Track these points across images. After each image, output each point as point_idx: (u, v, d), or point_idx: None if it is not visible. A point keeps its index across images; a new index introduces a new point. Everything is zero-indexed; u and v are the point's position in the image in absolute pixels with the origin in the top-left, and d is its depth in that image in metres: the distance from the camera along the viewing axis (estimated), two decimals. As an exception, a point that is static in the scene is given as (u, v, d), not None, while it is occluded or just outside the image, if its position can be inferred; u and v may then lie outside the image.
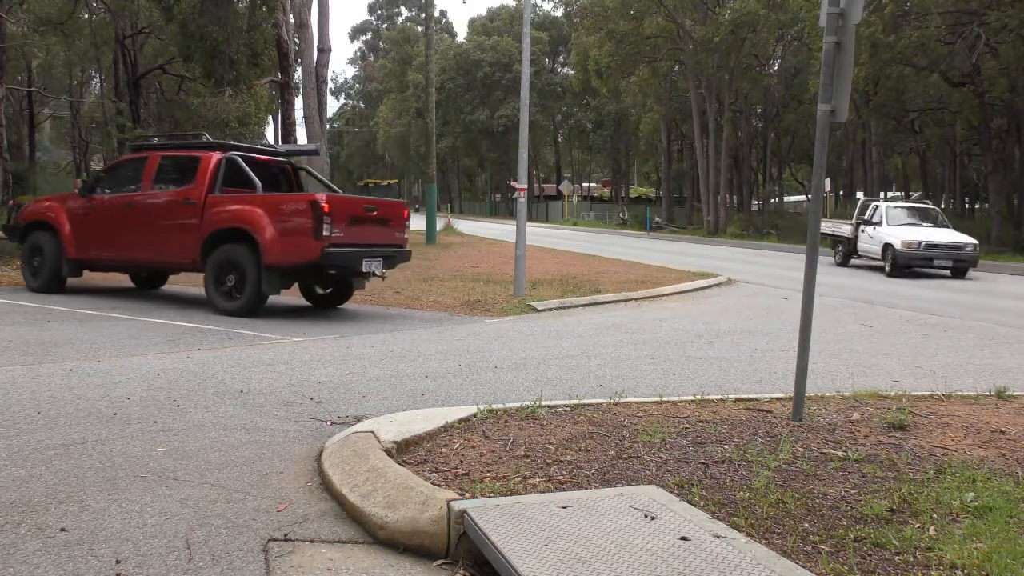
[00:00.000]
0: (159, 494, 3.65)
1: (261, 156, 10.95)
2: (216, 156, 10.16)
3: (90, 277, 12.89)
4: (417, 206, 69.22)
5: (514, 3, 69.19)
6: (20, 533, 3.19)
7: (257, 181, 9.91)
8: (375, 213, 10.14)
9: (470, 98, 64.10)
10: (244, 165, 10.07)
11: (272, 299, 11.16)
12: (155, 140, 11.84)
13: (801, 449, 4.24)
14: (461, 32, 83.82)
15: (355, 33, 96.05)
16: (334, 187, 12.28)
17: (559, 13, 61.07)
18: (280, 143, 27.04)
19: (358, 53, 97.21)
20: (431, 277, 14.70)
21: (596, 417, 4.77)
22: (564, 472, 3.78)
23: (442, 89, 59.77)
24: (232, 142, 11.21)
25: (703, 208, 42.56)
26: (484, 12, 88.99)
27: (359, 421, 4.79)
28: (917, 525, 3.23)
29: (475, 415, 4.71)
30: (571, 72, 57.00)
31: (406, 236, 10.67)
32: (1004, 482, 3.75)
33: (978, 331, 10.18)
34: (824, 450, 4.23)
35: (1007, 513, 3.34)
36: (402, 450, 4.06)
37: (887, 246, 18.53)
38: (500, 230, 36.42)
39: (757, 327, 10.05)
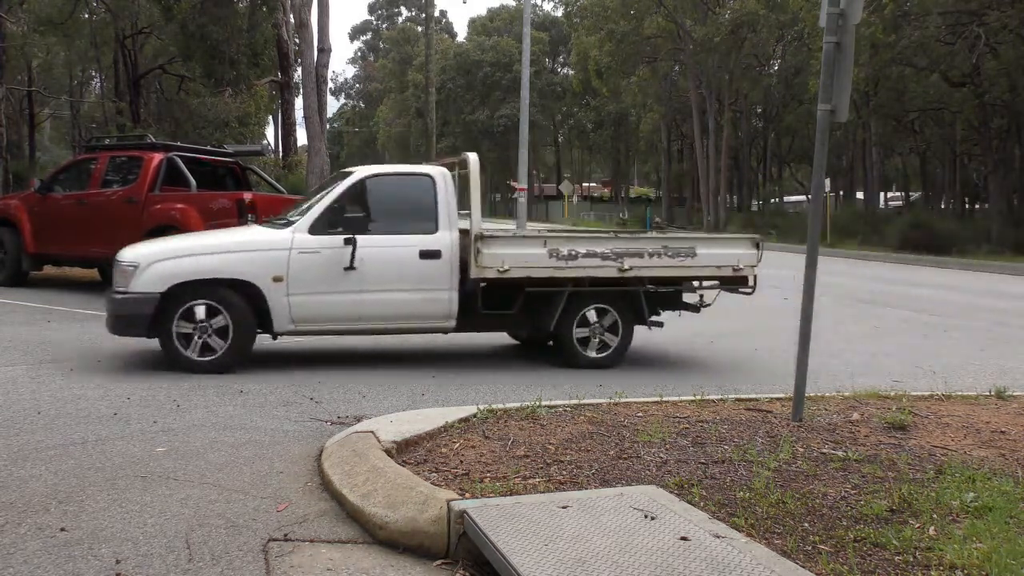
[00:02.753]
0: (159, 494, 3.65)
1: (208, 157, 11.56)
2: (157, 157, 10.68)
3: (89, 276, 12.88)
4: (417, 206, 69.10)
5: (514, 3, 69.14)
6: (20, 533, 3.19)
7: (192, 180, 10.40)
8: None
9: (470, 98, 64.05)
10: (182, 165, 10.55)
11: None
12: (106, 141, 12.31)
13: (801, 449, 4.24)
14: (461, 32, 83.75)
15: (355, 33, 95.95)
16: (279, 187, 12.67)
17: (559, 13, 61.06)
18: (280, 143, 27.06)
19: (358, 53, 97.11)
20: (431, 277, 14.67)
21: (596, 417, 4.77)
22: (564, 472, 3.78)
23: (442, 89, 59.71)
24: (177, 143, 11.73)
25: (703, 208, 42.54)
26: (484, 12, 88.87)
27: (359, 421, 4.79)
28: (917, 525, 3.23)
29: (475, 415, 4.71)
30: (571, 72, 56.97)
31: None
32: (1004, 482, 3.75)
33: (978, 331, 10.18)
34: (824, 450, 4.23)
35: (1007, 513, 3.34)
36: (402, 450, 4.06)
37: None
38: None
39: (757, 327, 10.05)
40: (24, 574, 2.86)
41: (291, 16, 22.24)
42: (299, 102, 23.77)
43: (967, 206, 39.43)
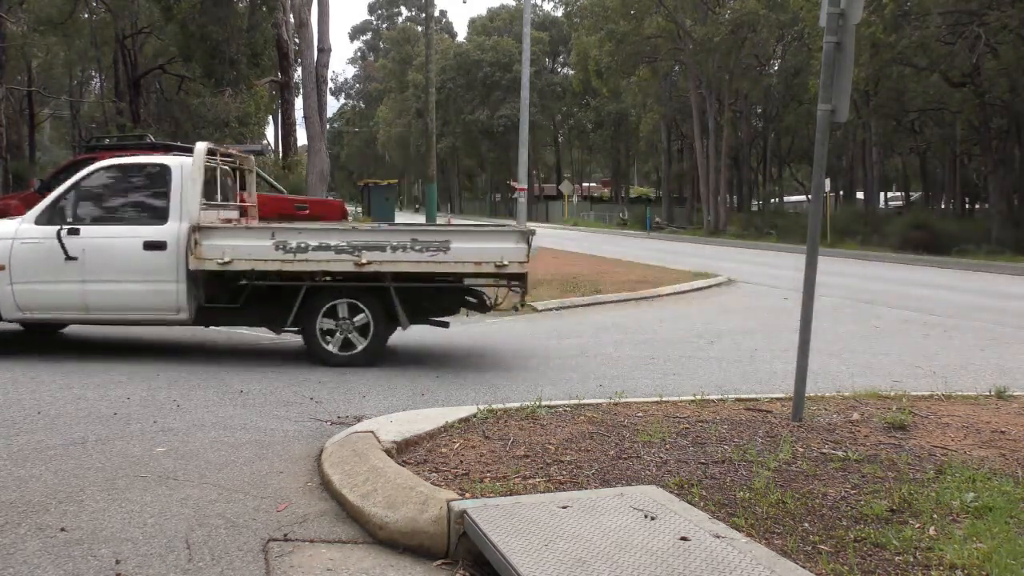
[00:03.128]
0: (159, 494, 3.65)
1: None
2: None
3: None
4: (418, 206, 69.19)
5: (514, 3, 69.16)
6: (20, 533, 3.19)
7: None
8: (306, 212, 10.54)
9: (470, 98, 64.05)
10: None
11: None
12: (106, 141, 12.33)
13: (801, 449, 4.24)
14: (461, 32, 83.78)
15: (355, 33, 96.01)
16: (278, 186, 12.68)
17: (559, 13, 61.10)
18: (280, 143, 27.09)
19: (358, 53, 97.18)
20: (431, 277, 14.68)
21: (596, 417, 4.77)
22: (564, 472, 3.78)
23: (442, 89, 59.72)
24: (177, 143, 11.76)
25: (703, 208, 42.54)
26: (484, 12, 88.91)
27: (359, 421, 4.79)
28: (917, 525, 3.23)
29: (475, 415, 4.71)
30: (571, 72, 56.94)
31: None
32: (1004, 482, 3.74)
33: (978, 331, 10.18)
34: (824, 450, 4.23)
35: (1007, 513, 3.34)
36: (402, 450, 4.06)
37: None
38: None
39: (757, 327, 10.05)
40: (24, 574, 2.86)
41: (291, 16, 22.25)
42: (299, 102, 23.81)
43: (967, 206, 39.43)
